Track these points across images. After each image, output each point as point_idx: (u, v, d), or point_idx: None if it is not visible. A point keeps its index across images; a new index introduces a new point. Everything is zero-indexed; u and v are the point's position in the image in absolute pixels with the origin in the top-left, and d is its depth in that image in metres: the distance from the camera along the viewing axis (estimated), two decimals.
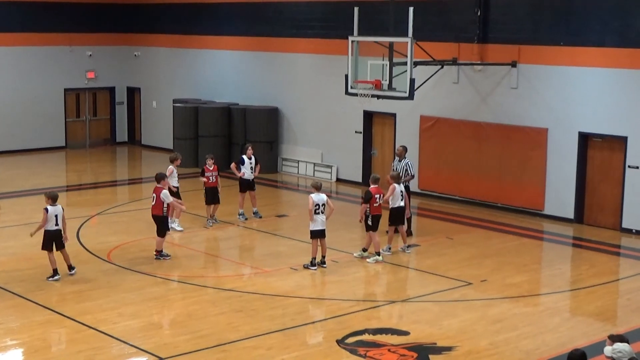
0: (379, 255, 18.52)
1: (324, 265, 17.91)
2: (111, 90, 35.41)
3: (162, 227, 18.37)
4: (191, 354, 13.15)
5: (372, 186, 18.57)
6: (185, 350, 13.30)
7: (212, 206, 21.51)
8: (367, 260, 18.51)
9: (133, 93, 35.64)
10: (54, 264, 16.75)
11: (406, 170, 20.46)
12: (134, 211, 23.32)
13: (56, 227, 16.68)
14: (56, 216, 16.66)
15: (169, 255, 18.45)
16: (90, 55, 34.25)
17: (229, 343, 13.61)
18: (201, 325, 14.45)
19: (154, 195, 18.38)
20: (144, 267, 17.83)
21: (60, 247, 16.86)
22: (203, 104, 30.76)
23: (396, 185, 18.86)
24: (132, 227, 21.37)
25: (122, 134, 35.92)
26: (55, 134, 33.83)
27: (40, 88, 33.11)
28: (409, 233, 20.29)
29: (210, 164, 21.40)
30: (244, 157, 21.99)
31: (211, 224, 21.39)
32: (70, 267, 17.03)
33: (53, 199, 16.75)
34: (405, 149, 21.05)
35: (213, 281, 17.03)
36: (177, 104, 30.91)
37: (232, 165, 22.22)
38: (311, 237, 17.91)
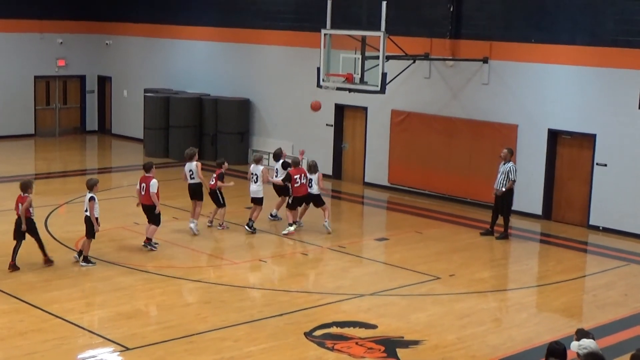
0: (291, 226, 19.89)
1: (247, 228, 19.76)
2: (82, 79, 35.17)
3: (155, 215, 18.23)
4: (159, 345, 13.11)
5: (291, 168, 20.18)
6: (153, 340, 13.27)
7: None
8: (282, 232, 19.91)
9: (104, 82, 35.42)
10: None
11: (507, 174, 20.14)
12: (103, 200, 23.08)
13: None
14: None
15: (157, 243, 18.39)
16: (61, 42, 34.00)
17: (196, 334, 13.59)
18: (169, 316, 14.42)
19: (143, 184, 18.25)
20: (112, 256, 17.77)
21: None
22: (174, 94, 30.61)
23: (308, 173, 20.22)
24: (101, 216, 21.11)
25: (92, 123, 35.70)
26: (25, 121, 33.54)
27: (10, 75, 32.81)
28: None
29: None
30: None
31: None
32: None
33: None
34: (510, 152, 20.60)
35: (182, 272, 16.96)
36: (148, 94, 30.75)
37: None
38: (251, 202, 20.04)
